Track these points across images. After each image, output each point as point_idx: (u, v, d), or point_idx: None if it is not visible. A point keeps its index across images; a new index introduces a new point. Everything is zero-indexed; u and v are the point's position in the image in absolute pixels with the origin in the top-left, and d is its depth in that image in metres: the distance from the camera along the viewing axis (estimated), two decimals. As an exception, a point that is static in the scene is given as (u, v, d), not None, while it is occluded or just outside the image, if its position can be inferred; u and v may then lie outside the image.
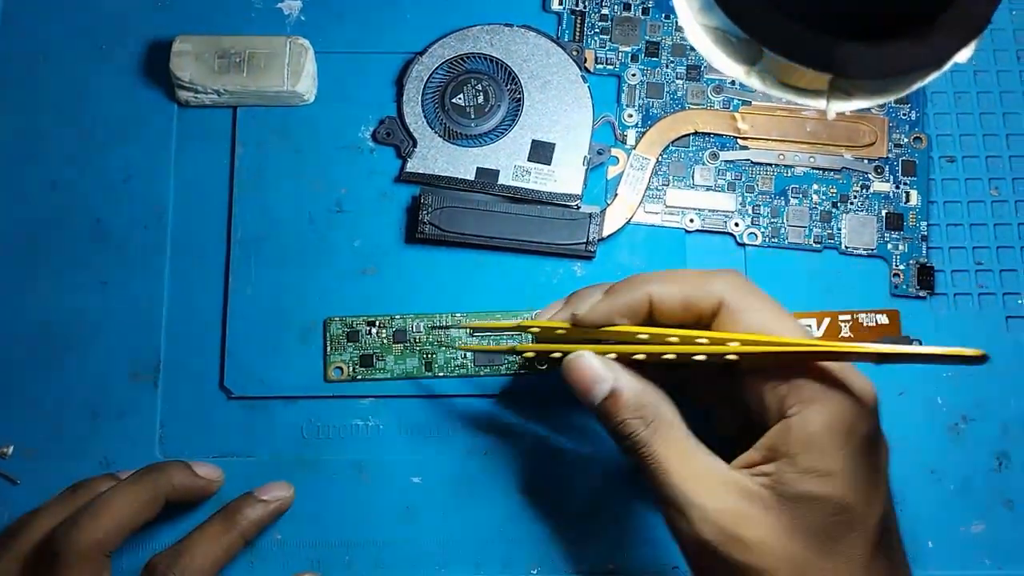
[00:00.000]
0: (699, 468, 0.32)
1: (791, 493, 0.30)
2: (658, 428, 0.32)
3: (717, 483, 0.31)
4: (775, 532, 0.30)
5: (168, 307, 0.41)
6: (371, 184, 0.43)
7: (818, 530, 0.30)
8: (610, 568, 0.39)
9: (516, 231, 0.41)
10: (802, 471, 0.30)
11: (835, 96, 0.24)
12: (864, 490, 0.31)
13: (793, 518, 0.30)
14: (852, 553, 0.31)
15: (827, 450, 0.30)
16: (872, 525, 0.31)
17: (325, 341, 0.41)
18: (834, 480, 0.30)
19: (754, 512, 0.31)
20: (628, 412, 0.32)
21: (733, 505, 0.31)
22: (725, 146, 0.43)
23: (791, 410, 0.31)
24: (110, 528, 0.35)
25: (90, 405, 0.41)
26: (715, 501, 0.31)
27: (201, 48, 0.42)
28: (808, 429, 0.30)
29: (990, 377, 0.41)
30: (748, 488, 0.31)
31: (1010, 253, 0.42)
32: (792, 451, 0.30)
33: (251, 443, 0.40)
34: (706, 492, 0.31)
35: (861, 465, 0.31)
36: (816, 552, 0.30)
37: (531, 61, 0.43)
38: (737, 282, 0.33)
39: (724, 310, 0.32)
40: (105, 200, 0.42)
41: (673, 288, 0.33)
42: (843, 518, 0.30)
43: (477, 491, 0.40)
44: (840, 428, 0.30)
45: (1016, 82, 0.44)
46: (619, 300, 0.33)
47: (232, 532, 0.37)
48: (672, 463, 0.32)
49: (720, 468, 0.32)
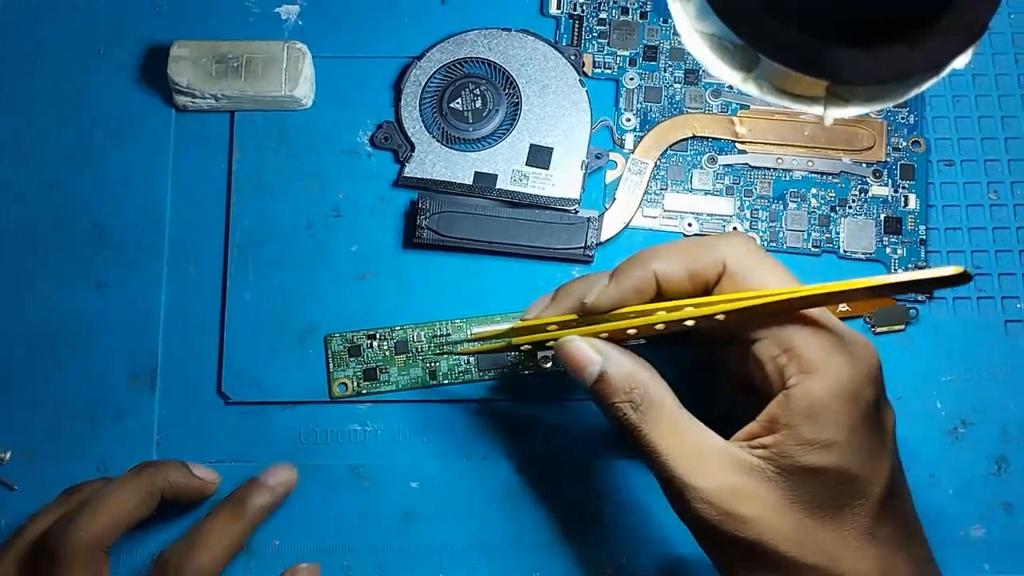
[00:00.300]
0: (692, 447, 0.31)
1: (792, 466, 0.30)
2: (648, 410, 0.32)
3: (712, 461, 0.31)
4: (774, 505, 0.30)
5: (166, 311, 0.41)
6: (369, 189, 0.42)
7: (820, 500, 0.30)
8: (608, 573, 0.39)
9: (514, 235, 0.41)
10: (803, 443, 0.30)
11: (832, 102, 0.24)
12: (868, 459, 0.30)
13: (794, 490, 0.30)
14: (855, 521, 0.30)
15: (829, 420, 0.30)
16: (876, 492, 0.30)
17: (327, 358, 0.41)
18: (837, 450, 0.30)
19: (752, 487, 0.30)
20: (617, 395, 0.32)
21: (729, 482, 0.30)
22: (723, 150, 0.43)
23: (791, 380, 0.30)
24: (107, 524, 0.35)
25: (88, 408, 0.41)
26: (709, 480, 0.31)
27: (199, 53, 0.42)
28: (809, 399, 0.30)
29: (989, 381, 0.41)
30: (746, 462, 0.31)
31: (1009, 257, 0.42)
32: (793, 423, 0.30)
33: (249, 448, 0.40)
34: (700, 472, 0.31)
35: (865, 433, 0.30)
36: (818, 522, 0.30)
37: (529, 65, 0.43)
38: (739, 246, 0.32)
39: (727, 276, 0.32)
40: (103, 203, 0.42)
41: (675, 263, 0.32)
42: (845, 488, 0.30)
43: (476, 496, 0.40)
44: (842, 397, 0.30)
45: (1014, 86, 0.44)
46: (626, 283, 0.33)
47: (242, 521, 0.37)
48: (664, 444, 0.31)
49: (716, 444, 0.31)
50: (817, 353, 0.30)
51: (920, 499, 0.40)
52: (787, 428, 0.30)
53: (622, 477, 0.40)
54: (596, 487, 0.40)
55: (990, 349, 0.41)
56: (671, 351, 0.35)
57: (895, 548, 0.31)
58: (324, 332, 0.41)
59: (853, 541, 0.30)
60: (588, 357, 0.33)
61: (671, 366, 0.34)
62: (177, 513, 0.39)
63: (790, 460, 0.30)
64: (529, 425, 0.41)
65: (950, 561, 0.39)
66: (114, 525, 0.35)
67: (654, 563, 0.39)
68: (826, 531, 0.30)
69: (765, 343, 0.31)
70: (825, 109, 0.24)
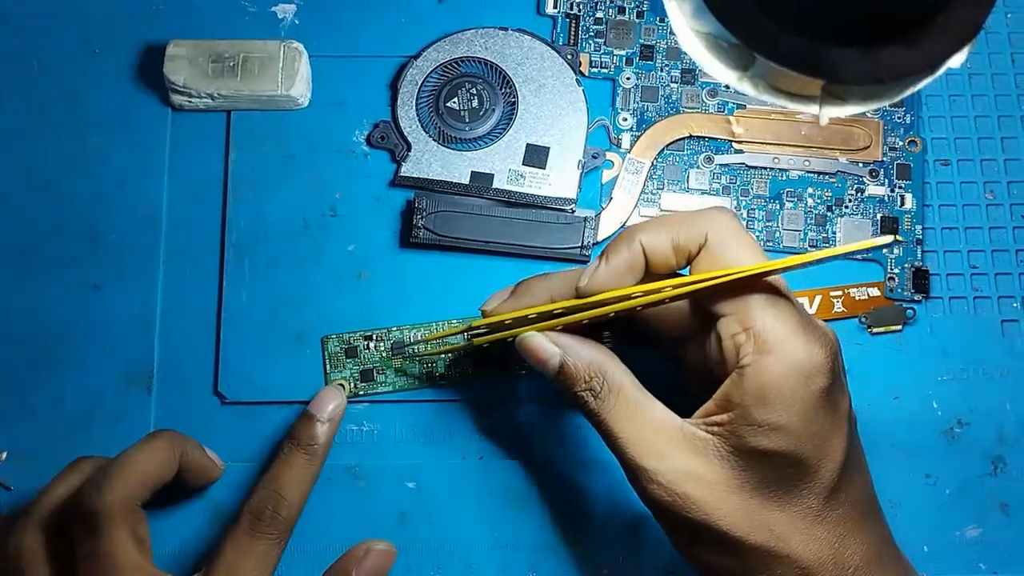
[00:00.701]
0: (648, 430, 0.32)
1: (744, 446, 0.31)
2: (607, 396, 0.33)
3: (665, 442, 0.32)
4: (722, 485, 0.31)
5: (162, 312, 0.41)
6: (365, 188, 0.42)
7: (769, 482, 0.31)
8: (605, 573, 0.39)
9: (511, 235, 0.41)
10: (754, 424, 0.30)
11: (828, 102, 0.24)
12: (819, 443, 0.31)
13: (744, 469, 0.31)
14: (804, 502, 0.31)
15: (779, 402, 0.30)
16: (827, 476, 0.31)
17: (324, 359, 0.41)
18: (786, 433, 0.30)
19: (702, 467, 0.31)
20: (578, 384, 0.33)
21: (681, 464, 0.31)
22: (720, 150, 0.43)
23: (745, 359, 0.31)
24: (137, 480, 0.35)
25: (84, 409, 0.41)
26: (660, 461, 0.31)
27: (195, 52, 0.42)
28: (760, 380, 0.30)
29: (986, 381, 0.41)
30: (700, 441, 0.31)
31: (1005, 256, 0.42)
32: (744, 402, 0.30)
33: (245, 448, 0.40)
34: (654, 454, 0.32)
35: (817, 418, 0.30)
36: (767, 502, 0.31)
37: (526, 65, 0.43)
38: (720, 220, 0.33)
39: (705, 249, 0.32)
40: (99, 204, 0.42)
41: (661, 234, 0.33)
42: (795, 471, 0.31)
43: (472, 496, 0.40)
44: (794, 379, 0.30)
45: (1011, 85, 0.44)
46: (618, 260, 0.33)
47: (315, 462, 0.37)
48: (621, 428, 0.32)
49: (671, 425, 0.32)
50: (773, 334, 0.31)
51: (916, 499, 0.40)
52: (739, 407, 0.31)
53: (618, 477, 0.40)
54: (593, 487, 0.40)
55: (987, 349, 0.41)
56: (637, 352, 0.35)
57: (847, 530, 0.32)
58: (321, 331, 0.41)
59: (801, 523, 0.31)
60: (547, 350, 0.34)
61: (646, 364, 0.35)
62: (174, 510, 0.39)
63: (741, 440, 0.31)
64: (526, 425, 0.41)
65: (946, 562, 0.40)
66: (145, 481, 0.35)
67: (651, 563, 0.39)
68: (774, 512, 0.31)
69: (727, 320, 0.32)
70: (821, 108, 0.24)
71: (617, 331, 0.36)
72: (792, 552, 0.31)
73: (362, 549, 0.38)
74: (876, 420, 0.40)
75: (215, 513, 0.40)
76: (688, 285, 0.32)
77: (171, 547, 0.39)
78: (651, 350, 0.37)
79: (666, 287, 0.32)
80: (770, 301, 0.31)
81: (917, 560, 0.39)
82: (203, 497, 0.40)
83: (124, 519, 0.34)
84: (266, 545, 0.35)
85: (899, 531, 0.36)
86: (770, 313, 0.31)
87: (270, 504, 0.36)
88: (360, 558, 0.37)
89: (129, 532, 0.34)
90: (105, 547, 0.34)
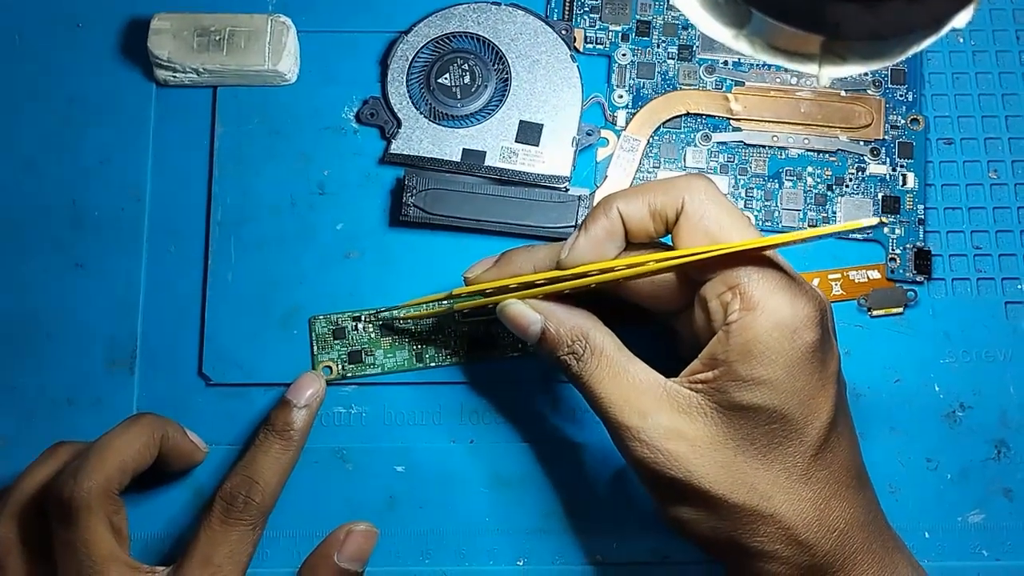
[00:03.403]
0: (631, 390, 0.32)
1: (729, 402, 0.31)
2: (589, 359, 0.33)
3: (648, 400, 0.32)
4: (706, 442, 0.31)
5: (146, 291, 0.40)
6: (354, 166, 0.41)
7: (754, 438, 0.31)
8: (598, 559, 0.39)
9: (503, 214, 0.40)
10: (738, 379, 0.30)
11: (827, 60, 0.23)
12: (805, 400, 0.30)
13: (728, 427, 0.31)
14: (789, 460, 0.31)
15: (764, 358, 0.30)
16: (813, 435, 0.31)
17: (311, 340, 0.40)
18: (771, 389, 0.30)
19: (685, 424, 0.31)
20: (560, 348, 0.34)
21: (664, 421, 0.31)
22: (717, 127, 0.42)
23: (732, 316, 0.31)
24: (116, 466, 0.34)
25: (65, 392, 0.40)
26: (642, 419, 0.31)
27: (180, 26, 0.41)
28: (746, 336, 0.30)
29: (989, 364, 0.40)
30: (684, 398, 0.31)
31: (1009, 237, 0.41)
32: (730, 359, 0.30)
33: (230, 431, 0.39)
34: (636, 413, 0.32)
35: (803, 374, 0.30)
36: (751, 459, 0.31)
37: (519, 40, 0.42)
38: (697, 187, 0.32)
39: (683, 217, 0.32)
40: (81, 181, 0.41)
41: (638, 201, 0.33)
42: (780, 428, 0.31)
43: (462, 481, 0.39)
44: (780, 334, 0.30)
45: (1015, 63, 0.43)
46: (596, 230, 0.33)
47: (291, 448, 0.37)
48: (604, 389, 0.32)
49: (654, 383, 0.32)
50: (760, 290, 0.31)
51: (918, 484, 0.39)
52: (724, 364, 0.31)
53: (611, 462, 0.39)
54: (585, 472, 0.39)
55: (990, 331, 0.41)
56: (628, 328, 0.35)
57: (833, 492, 0.31)
58: (308, 311, 0.40)
59: (785, 482, 0.31)
60: (528, 317, 0.34)
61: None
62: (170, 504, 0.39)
63: (726, 396, 0.31)
64: (517, 409, 0.40)
65: (948, 548, 0.39)
66: (123, 468, 0.35)
67: (644, 549, 0.39)
68: (758, 470, 0.31)
69: (713, 282, 0.32)
70: (820, 67, 0.23)
71: (608, 310, 0.35)
72: (776, 511, 0.31)
73: (343, 532, 0.37)
74: (876, 403, 0.40)
75: (198, 497, 0.39)
76: (671, 260, 0.32)
77: (153, 531, 0.38)
78: (643, 328, 0.36)
79: (649, 260, 0.32)
80: (755, 260, 0.31)
81: (918, 547, 0.38)
82: (186, 480, 0.39)
83: (100, 507, 0.34)
84: (240, 532, 0.34)
85: (899, 517, 0.35)
86: (755, 271, 0.31)
87: (243, 489, 0.35)
88: (341, 541, 0.36)
89: (105, 521, 0.34)
90: (81, 536, 0.33)
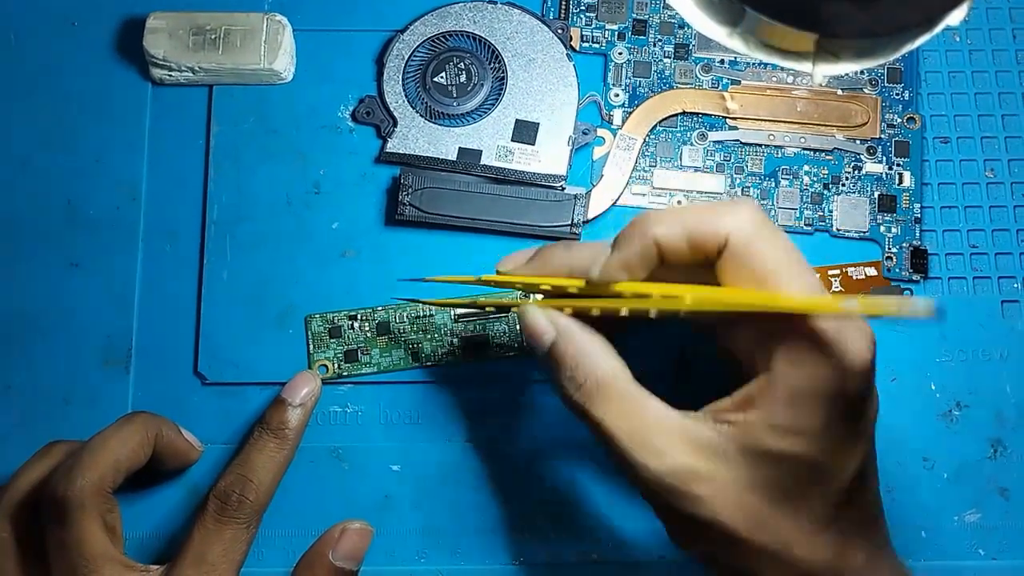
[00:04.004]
0: (641, 425, 0.30)
1: (758, 447, 0.29)
2: (592, 389, 0.31)
3: (664, 439, 0.30)
4: (730, 486, 0.29)
5: (141, 290, 0.40)
6: (350, 165, 0.41)
7: (781, 485, 0.29)
8: (594, 558, 0.38)
9: (499, 213, 0.40)
10: (775, 427, 0.29)
11: (821, 58, 0.23)
12: (840, 449, 0.29)
13: (755, 471, 0.29)
14: (816, 509, 0.30)
15: (807, 410, 0.29)
16: (843, 481, 0.30)
17: (307, 339, 0.40)
18: (808, 439, 0.29)
19: (707, 466, 0.29)
20: (562, 372, 0.32)
21: (681, 461, 0.29)
22: (714, 126, 0.42)
23: (777, 364, 0.29)
24: (110, 465, 0.34)
25: (61, 390, 0.40)
26: (659, 459, 0.30)
27: (176, 25, 0.41)
28: (790, 384, 0.29)
29: (985, 363, 0.40)
30: (705, 439, 0.30)
31: (1005, 236, 0.41)
32: (769, 405, 0.29)
33: (226, 430, 0.39)
34: (652, 452, 0.30)
35: (842, 425, 0.29)
36: (776, 505, 0.29)
37: (515, 39, 0.42)
38: (746, 219, 0.30)
39: (728, 252, 0.30)
40: (77, 180, 0.41)
41: (676, 228, 0.30)
42: (811, 475, 0.29)
43: (458, 479, 0.39)
44: (825, 389, 0.29)
45: (1012, 62, 0.43)
46: (629, 252, 0.31)
47: (285, 447, 0.36)
48: (611, 422, 0.30)
49: (670, 421, 0.30)
50: (807, 345, 0.29)
51: (913, 483, 0.39)
52: (760, 410, 0.29)
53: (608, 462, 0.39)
54: (582, 471, 0.39)
55: (986, 330, 0.41)
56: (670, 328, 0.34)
57: (852, 535, 0.30)
58: (304, 311, 0.40)
59: (809, 526, 0.30)
60: (541, 327, 0.32)
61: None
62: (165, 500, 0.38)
63: (756, 441, 0.29)
64: (513, 408, 0.40)
65: (944, 547, 0.39)
66: (117, 466, 0.34)
67: (640, 549, 0.38)
68: (783, 516, 0.30)
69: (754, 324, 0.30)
70: (814, 65, 0.23)
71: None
72: (795, 556, 0.30)
73: (338, 530, 0.37)
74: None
75: (193, 495, 0.39)
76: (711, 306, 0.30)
77: (148, 530, 0.38)
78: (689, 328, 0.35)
79: (687, 294, 0.30)
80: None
81: (914, 546, 0.38)
82: (181, 479, 0.39)
83: (94, 506, 0.33)
84: (234, 530, 0.34)
85: (896, 516, 0.35)
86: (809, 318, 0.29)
87: (237, 488, 0.35)
88: (336, 539, 0.36)
89: (99, 520, 0.33)
90: (75, 535, 0.33)
